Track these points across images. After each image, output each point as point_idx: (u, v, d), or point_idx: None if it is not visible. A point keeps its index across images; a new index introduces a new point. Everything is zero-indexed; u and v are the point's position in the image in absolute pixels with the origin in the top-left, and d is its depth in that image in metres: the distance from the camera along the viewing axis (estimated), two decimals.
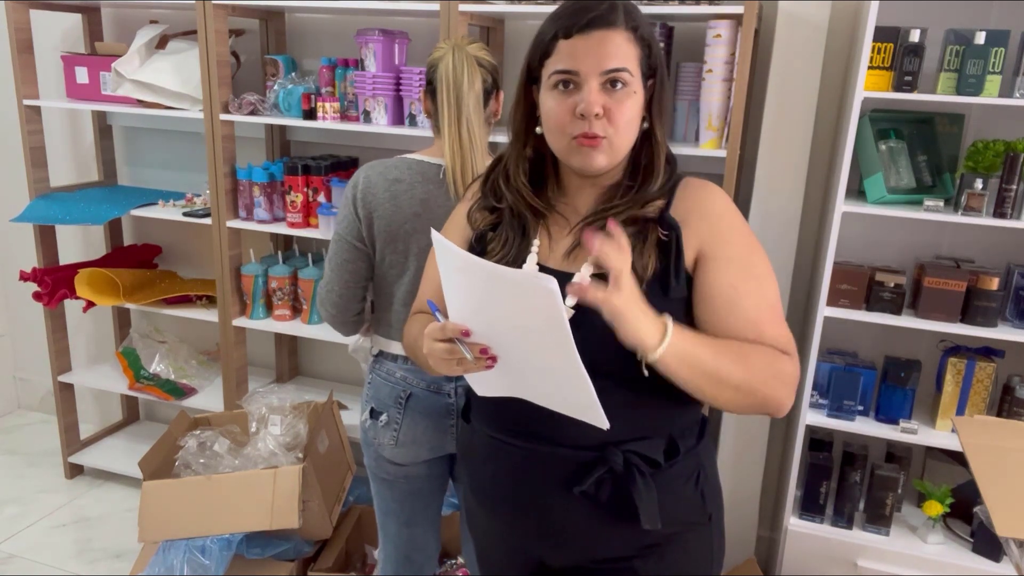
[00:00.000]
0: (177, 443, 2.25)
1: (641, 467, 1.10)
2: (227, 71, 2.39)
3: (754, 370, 1.03)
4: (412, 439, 1.64)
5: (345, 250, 1.63)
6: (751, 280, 1.08)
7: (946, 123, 2.08)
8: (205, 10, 2.28)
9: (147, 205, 2.64)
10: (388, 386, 1.66)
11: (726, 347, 1.03)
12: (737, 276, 1.08)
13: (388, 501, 1.76)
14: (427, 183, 1.59)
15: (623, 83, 1.06)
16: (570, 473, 1.12)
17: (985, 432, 1.47)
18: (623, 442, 1.10)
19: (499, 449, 1.19)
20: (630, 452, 1.10)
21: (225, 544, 2.04)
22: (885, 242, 2.21)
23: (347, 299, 1.66)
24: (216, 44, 2.31)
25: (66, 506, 2.78)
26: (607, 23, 1.05)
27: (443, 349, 1.02)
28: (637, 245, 1.07)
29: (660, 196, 1.12)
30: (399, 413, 1.64)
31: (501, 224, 1.19)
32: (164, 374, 2.82)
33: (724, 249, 1.09)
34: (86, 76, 2.60)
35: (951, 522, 2.14)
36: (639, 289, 0.99)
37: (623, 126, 1.08)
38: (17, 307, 3.37)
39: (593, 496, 1.12)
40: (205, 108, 2.38)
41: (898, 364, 2.09)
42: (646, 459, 1.10)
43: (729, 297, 1.07)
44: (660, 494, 1.11)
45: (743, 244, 1.10)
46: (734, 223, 1.12)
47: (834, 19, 2.10)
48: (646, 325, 0.97)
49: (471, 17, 2.13)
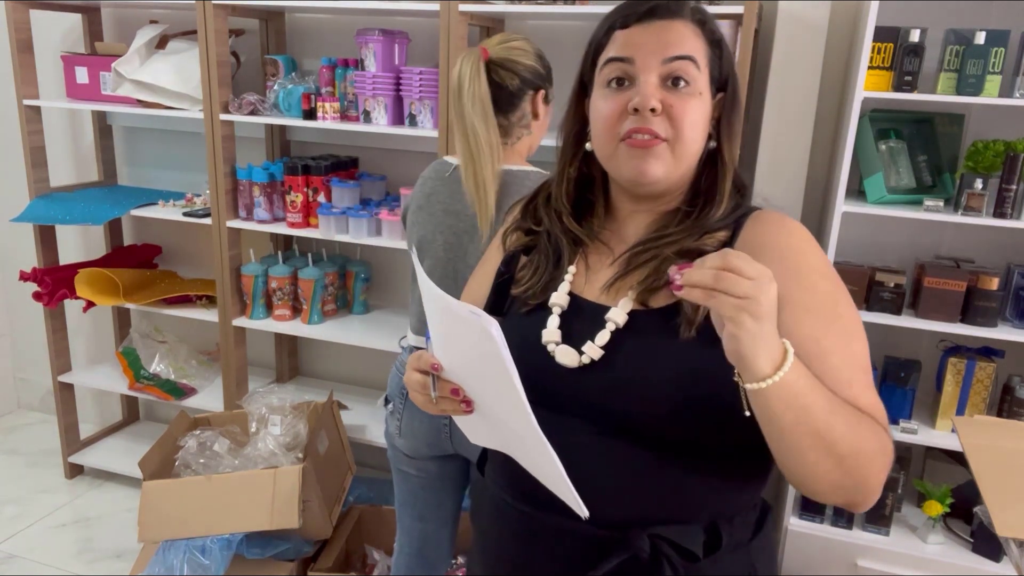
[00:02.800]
0: (177, 443, 2.25)
1: (672, 558, 0.89)
2: (227, 71, 2.39)
3: (864, 441, 0.81)
4: (412, 432, 1.67)
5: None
6: (838, 334, 0.87)
7: (946, 123, 2.08)
8: (205, 10, 2.28)
9: (147, 205, 2.64)
10: (398, 376, 1.71)
11: (840, 402, 0.81)
12: (820, 328, 0.87)
13: (404, 492, 1.78)
14: (436, 179, 1.63)
15: (687, 80, 0.90)
16: (583, 553, 0.91)
17: (985, 432, 1.47)
18: (652, 523, 0.89)
19: (505, 512, 1.00)
20: (659, 538, 0.89)
21: (225, 544, 2.04)
22: (885, 242, 2.21)
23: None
24: (216, 44, 2.31)
25: (66, 506, 2.78)
26: (671, 13, 0.91)
27: (417, 381, 0.88)
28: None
29: (723, 227, 0.93)
30: (401, 404, 1.69)
31: (536, 249, 1.03)
32: (164, 374, 2.82)
33: (804, 295, 0.88)
34: (86, 76, 2.60)
35: (951, 522, 2.14)
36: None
37: (687, 128, 0.90)
38: (17, 307, 3.37)
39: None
40: (205, 108, 2.38)
41: (898, 364, 2.09)
42: (680, 549, 0.89)
43: (812, 352, 0.84)
44: None
45: (827, 291, 0.89)
46: (816, 265, 0.90)
47: (834, 19, 2.10)
48: (766, 343, 0.75)
49: (471, 17, 2.13)
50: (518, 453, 0.89)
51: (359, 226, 2.33)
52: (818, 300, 0.88)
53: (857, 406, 0.84)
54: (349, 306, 2.69)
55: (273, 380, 2.91)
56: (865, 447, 0.82)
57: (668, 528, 0.89)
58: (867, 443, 0.82)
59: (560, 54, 2.37)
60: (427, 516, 1.79)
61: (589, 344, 0.91)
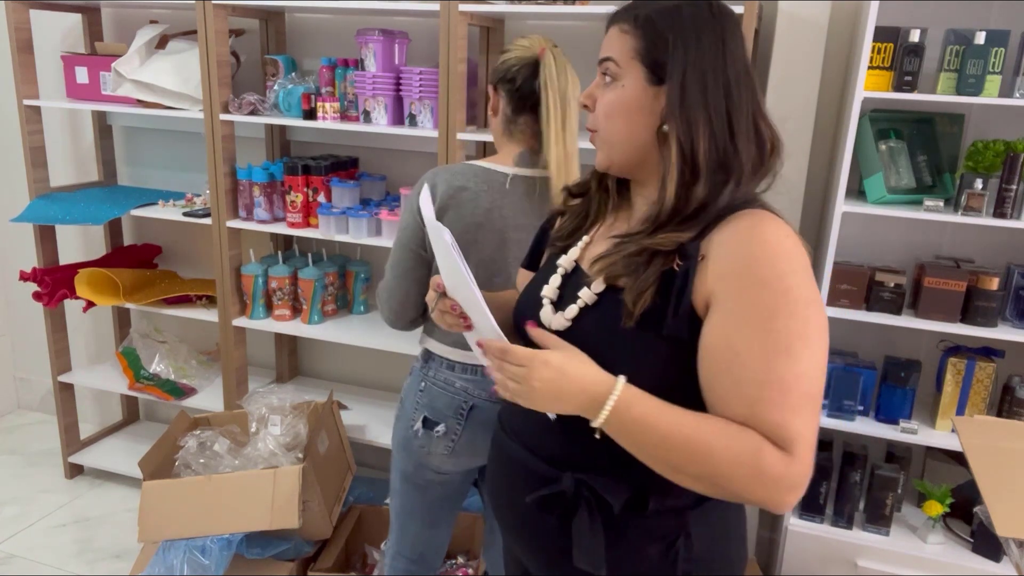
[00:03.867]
0: (177, 443, 2.25)
1: (591, 503, 1.00)
2: (227, 71, 2.39)
3: (719, 464, 0.87)
4: (470, 450, 1.61)
5: (409, 258, 1.58)
6: (762, 348, 0.87)
7: (946, 123, 2.08)
8: (205, 10, 2.28)
9: (147, 205, 2.64)
10: (447, 396, 1.60)
11: (689, 429, 0.88)
12: (742, 338, 0.88)
13: (415, 503, 1.72)
14: (492, 192, 1.53)
15: (611, 76, 1.01)
16: (528, 481, 1.07)
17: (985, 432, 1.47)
18: (584, 470, 1.01)
19: (499, 446, 1.17)
20: (584, 484, 1.01)
21: (225, 544, 2.04)
22: (885, 242, 2.21)
23: (407, 306, 1.62)
24: (216, 44, 2.31)
25: (66, 506, 2.78)
26: (612, 22, 1.02)
27: (432, 298, 1.08)
28: (639, 271, 0.95)
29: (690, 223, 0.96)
30: (459, 424, 1.59)
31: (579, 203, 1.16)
32: (164, 374, 2.82)
33: (738, 304, 0.89)
34: (86, 76, 2.60)
35: (951, 522, 2.14)
36: (560, 361, 0.92)
37: (602, 119, 1.02)
38: (17, 307, 3.37)
39: (543, 515, 1.05)
40: (205, 108, 2.38)
41: (898, 364, 2.09)
42: (599, 497, 1.00)
43: (725, 360, 0.89)
44: (617, 542, 1.01)
45: (765, 304, 0.88)
46: (763, 275, 0.89)
47: (834, 19, 2.10)
48: (568, 402, 0.92)
49: (471, 17, 2.13)
50: None
51: (359, 226, 2.33)
52: (750, 311, 0.88)
53: (757, 423, 0.87)
54: (349, 306, 2.69)
55: (273, 380, 2.91)
56: (722, 468, 0.87)
57: (595, 478, 1.00)
58: (725, 464, 0.87)
59: None
60: (438, 523, 1.76)
61: (560, 314, 1.03)
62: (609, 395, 0.90)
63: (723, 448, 0.87)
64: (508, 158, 1.57)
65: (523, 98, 1.52)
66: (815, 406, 0.89)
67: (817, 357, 0.89)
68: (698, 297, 0.93)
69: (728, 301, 0.90)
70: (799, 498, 0.89)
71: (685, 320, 0.93)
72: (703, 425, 0.89)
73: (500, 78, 1.56)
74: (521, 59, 1.52)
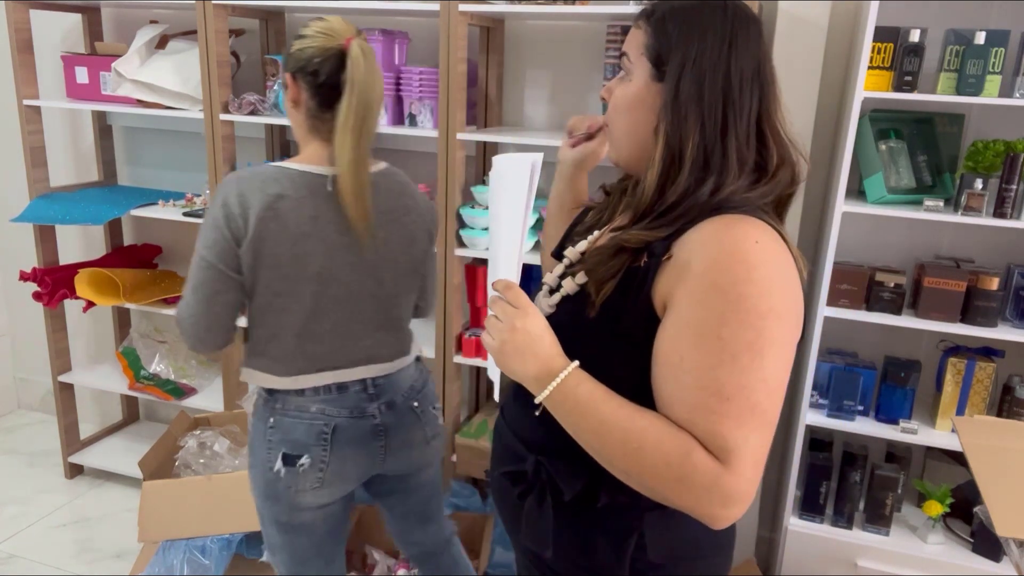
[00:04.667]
0: (177, 443, 2.25)
1: (546, 486, 1.04)
2: (227, 71, 2.39)
3: (647, 460, 0.86)
4: (340, 476, 1.49)
5: (216, 280, 1.39)
6: (707, 355, 0.85)
7: (946, 123, 2.08)
8: (205, 10, 2.28)
9: (147, 205, 2.63)
10: (303, 424, 1.45)
11: (628, 425, 0.88)
12: (688, 345, 0.86)
13: (304, 550, 1.56)
14: (315, 197, 1.39)
15: (624, 71, 1.03)
16: (508, 459, 1.12)
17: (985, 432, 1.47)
18: (548, 453, 1.04)
19: (497, 421, 1.22)
20: (543, 465, 1.04)
21: (225, 544, 2.04)
22: (885, 242, 2.21)
23: (216, 332, 1.43)
24: (216, 44, 2.31)
25: (66, 506, 2.78)
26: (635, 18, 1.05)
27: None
28: (604, 262, 0.97)
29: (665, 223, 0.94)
30: (324, 450, 1.46)
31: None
32: (164, 374, 2.82)
33: (688, 309, 0.87)
34: (86, 76, 2.60)
35: (951, 522, 2.14)
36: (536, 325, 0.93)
37: (612, 113, 1.05)
38: (17, 307, 3.37)
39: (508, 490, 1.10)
40: (205, 108, 2.38)
41: (898, 364, 2.09)
42: (553, 483, 1.03)
43: (671, 362, 0.88)
44: (567, 527, 1.03)
45: (715, 310, 0.85)
46: (722, 283, 0.86)
47: (834, 19, 2.10)
48: (523, 369, 0.93)
49: (471, 17, 2.13)
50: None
51: None
52: (700, 317, 0.86)
53: (694, 430, 0.85)
54: None
55: None
56: (648, 468, 0.86)
57: (554, 463, 1.03)
58: (650, 464, 0.86)
59: (560, 54, 2.38)
60: (334, 557, 1.63)
61: (547, 300, 1.08)
62: (560, 371, 0.92)
63: (654, 445, 0.86)
64: (319, 157, 1.42)
65: (329, 93, 1.37)
66: (763, 420, 0.85)
67: (768, 370, 0.85)
68: (658, 297, 0.92)
69: (682, 304, 0.88)
70: (737, 515, 0.86)
71: (642, 319, 0.92)
72: (641, 419, 0.88)
73: (299, 68, 1.39)
74: (324, 49, 1.37)
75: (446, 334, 2.32)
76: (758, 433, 0.85)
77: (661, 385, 0.90)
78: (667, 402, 0.89)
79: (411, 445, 1.59)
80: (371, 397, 1.51)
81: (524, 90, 2.44)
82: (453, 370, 2.37)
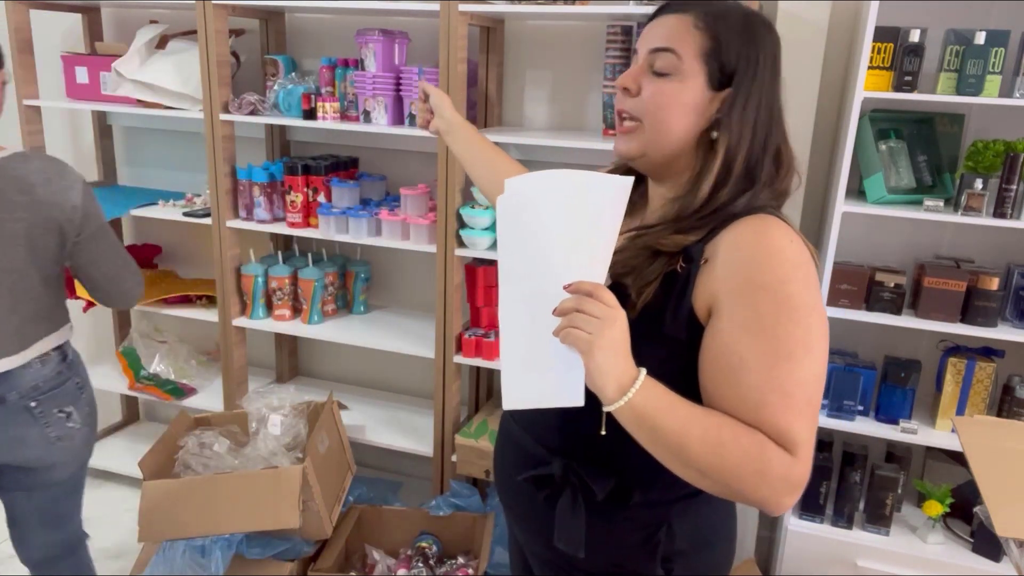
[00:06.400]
0: (177, 443, 2.25)
1: (576, 489, 1.05)
2: (227, 71, 2.39)
3: (727, 462, 0.88)
4: None
5: None
6: (765, 354, 0.89)
7: (946, 123, 2.08)
8: (205, 10, 2.28)
9: (147, 205, 2.63)
10: None
11: (703, 426, 0.89)
12: (746, 344, 0.90)
13: None
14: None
15: (667, 70, 0.98)
16: (525, 461, 1.13)
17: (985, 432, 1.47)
18: (574, 457, 1.05)
19: (506, 432, 1.21)
20: (572, 468, 1.05)
21: (225, 544, 2.04)
22: (885, 242, 2.21)
23: None
24: (216, 44, 2.31)
25: None
26: (674, 9, 1.01)
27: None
28: (643, 266, 0.97)
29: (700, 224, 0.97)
30: None
31: None
32: (164, 374, 2.82)
33: (742, 311, 0.90)
34: (86, 76, 2.60)
35: (951, 522, 2.14)
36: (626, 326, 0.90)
37: (654, 110, 0.99)
38: None
39: (532, 494, 1.11)
40: (205, 108, 2.38)
41: (898, 364, 2.09)
42: (584, 484, 1.04)
43: (730, 366, 0.91)
44: (599, 527, 1.05)
45: (768, 310, 0.89)
46: (769, 282, 0.90)
47: (834, 19, 2.10)
48: (614, 370, 0.87)
49: (471, 17, 2.13)
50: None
51: (359, 226, 2.33)
52: (755, 318, 0.90)
53: (762, 427, 0.89)
54: (349, 306, 2.69)
55: (273, 380, 2.91)
56: (729, 465, 0.88)
57: (583, 466, 1.03)
58: (732, 461, 0.88)
59: (560, 54, 2.38)
60: None
61: None
62: (637, 377, 0.89)
63: (732, 440, 0.88)
64: None
65: None
66: (815, 411, 0.91)
67: (818, 363, 0.90)
68: (699, 300, 0.95)
69: (732, 306, 0.91)
70: (795, 501, 0.90)
71: (684, 322, 0.95)
72: (714, 417, 0.90)
73: None
74: None
75: (446, 334, 2.32)
76: (812, 423, 0.91)
77: (720, 387, 0.92)
78: (728, 401, 0.91)
79: (23, 442, 1.62)
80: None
81: (524, 90, 2.44)
82: (453, 370, 2.37)
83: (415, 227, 2.29)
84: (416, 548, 2.29)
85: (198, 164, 2.81)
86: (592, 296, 0.88)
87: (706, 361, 0.94)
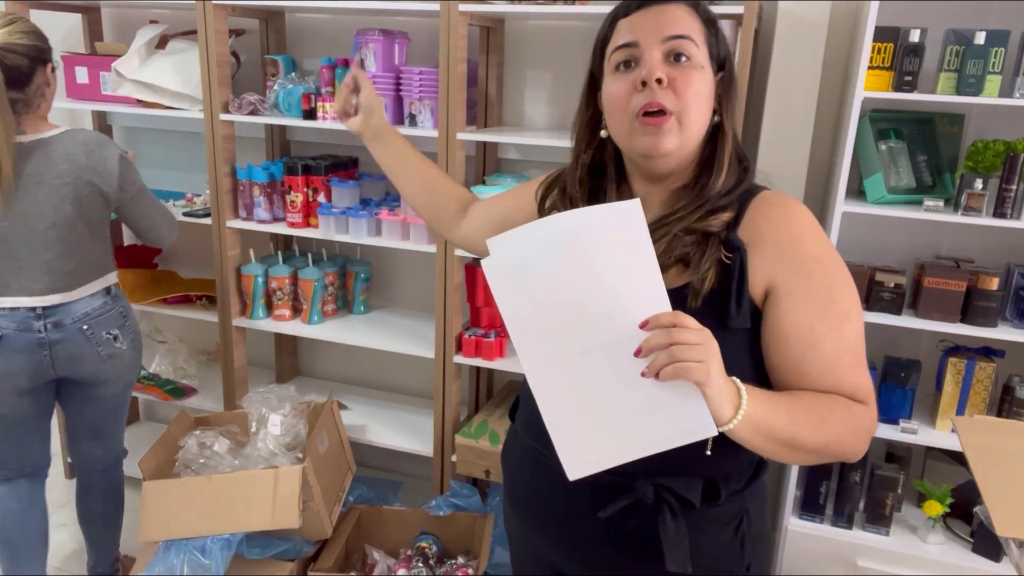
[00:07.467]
0: (177, 443, 2.25)
1: (673, 505, 1.01)
2: (227, 71, 2.39)
3: (831, 433, 0.93)
4: (6, 373, 1.86)
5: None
6: (831, 320, 0.95)
7: (946, 123, 2.08)
8: (205, 10, 2.28)
9: None
10: None
11: (802, 409, 0.92)
12: (815, 316, 0.95)
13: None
14: None
15: (687, 55, 0.96)
16: (597, 496, 1.04)
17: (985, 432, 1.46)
18: (656, 474, 1.00)
19: (535, 457, 1.13)
20: (662, 487, 1.01)
21: (225, 544, 2.04)
22: (885, 242, 2.21)
23: None
24: (216, 44, 2.31)
25: (66, 506, 2.77)
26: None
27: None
28: (695, 257, 0.96)
29: (727, 204, 0.99)
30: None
31: None
32: (164, 374, 2.82)
33: (802, 284, 0.95)
34: (86, 76, 2.60)
35: (951, 522, 2.14)
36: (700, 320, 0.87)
37: (691, 99, 0.96)
38: None
39: (617, 524, 1.04)
40: (205, 108, 2.38)
41: (898, 364, 2.09)
42: (680, 497, 1.01)
43: (805, 340, 0.95)
44: (693, 536, 1.01)
45: (822, 278, 0.96)
46: (816, 252, 0.97)
47: (834, 19, 2.10)
48: (727, 392, 0.86)
49: (471, 17, 2.13)
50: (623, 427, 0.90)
51: (359, 226, 2.33)
52: (813, 287, 0.95)
53: (841, 388, 0.95)
54: (349, 306, 2.69)
55: (273, 380, 2.90)
56: (833, 436, 0.94)
57: (670, 479, 1.01)
58: (835, 432, 0.94)
59: (560, 54, 2.38)
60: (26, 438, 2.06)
61: None
62: (739, 388, 0.88)
63: (828, 411, 0.94)
64: None
65: None
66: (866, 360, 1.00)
67: (861, 314, 1.00)
68: (755, 287, 0.97)
69: (790, 284, 0.96)
70: None
71: (747, 312, 0.98)
72: (806, 400, 0.94)
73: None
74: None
75: (446, 334, 2.32)
76: (867, 369, 0.99)
77: (798, 362, 0.96)
78: (810, 374, 0.96)
79: (80, 358, 1.95)
80: (38, 316, 1.87)
81: (524, 90, 2.44)
82: (453, 370, 2.37)
83: (415, 227, 2.29)
84: (416, 548, 2.29)
85: (198, 164, 2.80)
86: (678, 325, 0.84)
87: (778, 341, 0.97)
